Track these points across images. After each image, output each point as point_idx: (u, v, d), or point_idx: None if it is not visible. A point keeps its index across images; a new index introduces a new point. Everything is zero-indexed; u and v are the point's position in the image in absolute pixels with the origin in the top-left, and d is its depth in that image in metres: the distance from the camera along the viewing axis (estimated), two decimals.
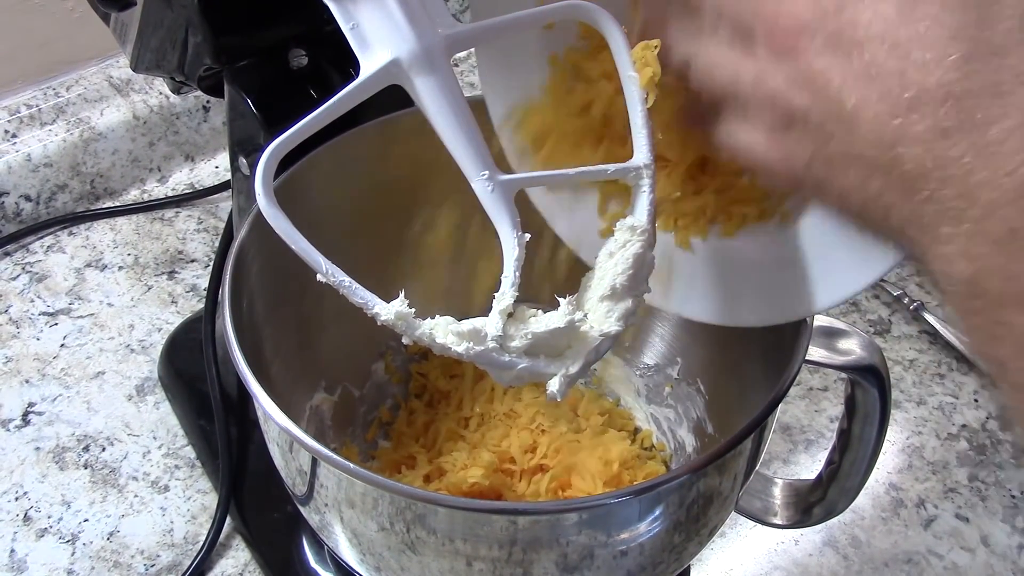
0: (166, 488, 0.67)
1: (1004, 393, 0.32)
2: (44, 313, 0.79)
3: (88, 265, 0.83)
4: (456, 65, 1.02)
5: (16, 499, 0.66)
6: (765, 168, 0.37)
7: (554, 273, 0.53)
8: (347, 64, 0.40)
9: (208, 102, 0.90)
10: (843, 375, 0.48)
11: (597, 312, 0.40)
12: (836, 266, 0.44)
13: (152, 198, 0.88)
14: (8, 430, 0.70)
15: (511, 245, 0.39)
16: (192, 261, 0.83)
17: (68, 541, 0.64)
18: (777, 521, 0.55)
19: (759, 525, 0.57)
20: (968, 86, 0.31)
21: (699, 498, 0.45)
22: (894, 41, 0.32)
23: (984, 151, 0.30)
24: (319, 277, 0.37)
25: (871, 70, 0.32)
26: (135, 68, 0.63)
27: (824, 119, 0.34)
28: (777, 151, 0.36)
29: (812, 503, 0.54)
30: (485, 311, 0.39)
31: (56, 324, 0.78)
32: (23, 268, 0.82)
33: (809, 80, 0.34)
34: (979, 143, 0.30)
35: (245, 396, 0.63)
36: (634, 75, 0.41)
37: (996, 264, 0.31)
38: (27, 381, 0.73)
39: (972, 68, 0.31)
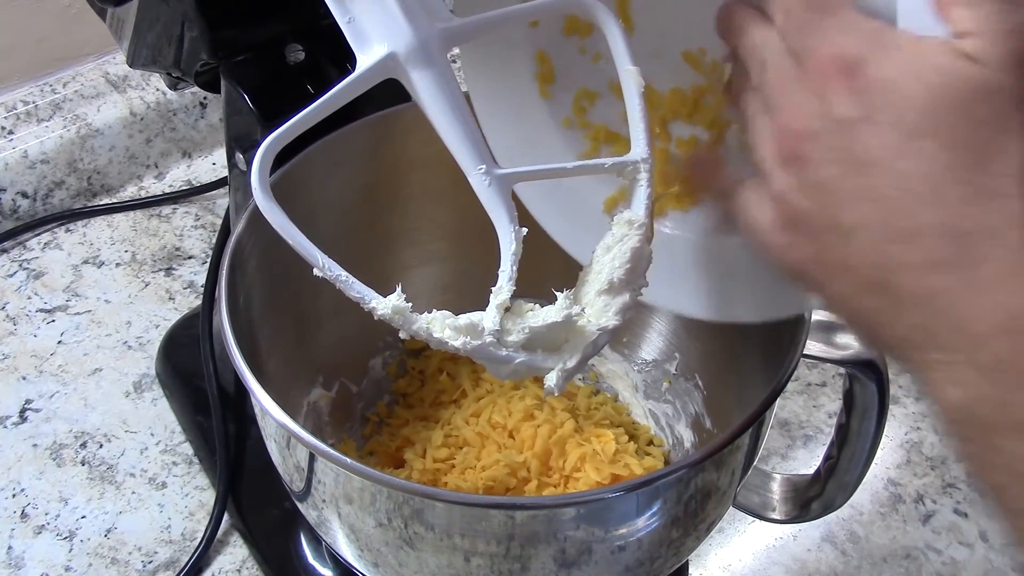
0: (164, 485, 0.67)
1: (1004, 517, 0.33)
2: (41, 310, 0.78)
3: (85, 262, 0.82)
4: (454, 61, 1.02)
5: (13, 496, 0.66)
6: (770, 253, 0.38)
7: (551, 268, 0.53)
8: (344, 59, 0.40)
9: (205, 98, 0.90)
10: (841, 370, 0.48)
11: (595, 306, 0.40)
12: None
13: (149, 195, 0.88)
14: (5, 427, 0.70)
15: (508, 239, 0.39)
16: (189, 257, 0.83)
17: (66, 538, 0.64)
18: (775, 516, 0.55)
19: (757, 520, 0.57)
20: (965, 225, 0.32)
21: (697, 493, 0.45)
22: (895, 171, 0.33)
23: (974, 287, 0.32)
24: (316, 272, 0.37)
25: (873, 193, 0.33)
26: (131, 64, 0.63)
27: (822, 228, 0.35)
28: (780, 243, 0.37)
29: (810, 498, 0.54)
30: (483, 306, 0.39)
31: (53, 321, 0.78)
32: (20, 265, 0.82)
33: (812, 188, 0.35)
34: (970, 279, 0.32)
35: (243, 392, 0.63)
36: (632, 69, 0.41)
37: (987, 392, 0.32)
38: (24, 378, 0.73)
39: (970, 209, 0.32)
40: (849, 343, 0.47)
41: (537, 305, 0.40)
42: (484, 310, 0.39)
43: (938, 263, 0.32)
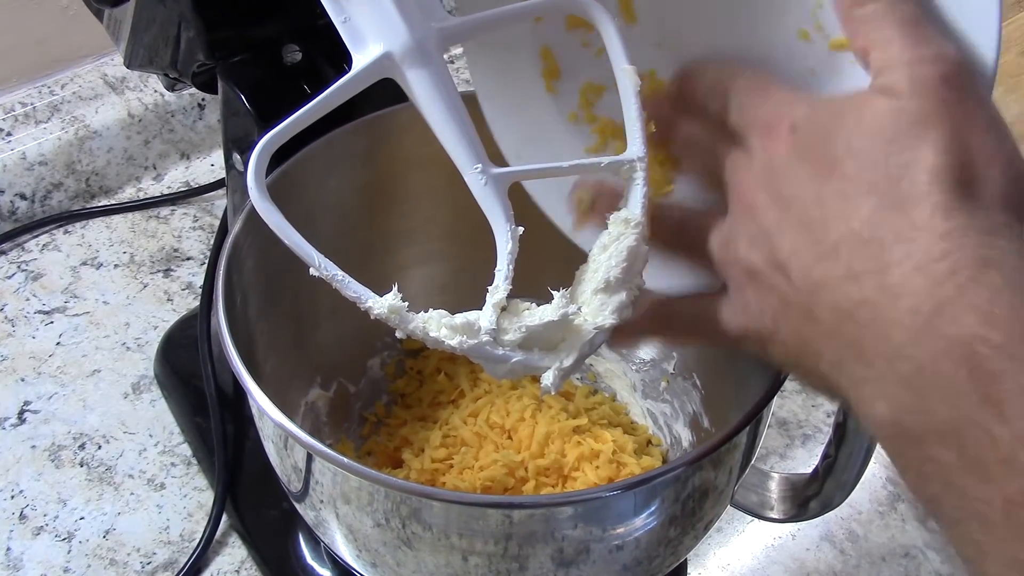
0: (162, 486, 0.67)
1: (942, 530, 0.33)
2: (39, 311, 0.78)
3: (84, 263, 0.82)
4: (451, 62, 1.02)
5: (12, 497, 0.66)
6: (741, 325, 0.39)
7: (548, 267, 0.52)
8: (341, 59, 0.40)
9: (203, 100, 0.90)
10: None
11: (591, 305, 0.40)
12: None
13: (148, 196, 0.88)
14: (4, 428, 0.70)
15: (504, 238, 0.39)
16: (188, 259, 0.83)
17: (64, 539, 0.64)
18: (773, 515, 0.55)
19: (756, 520, 0.57)
20: (876, 233, 0.33)
21: (695, 492, 0.45)
22: (819, 196, 0.35)
23: (888, 292, 0.32)
24: (312, 271, 0.37)
25: (802, 221, 0.35)
26: (129, 65, 0.63)
27: (768, 271, 0.37)
28: (747, 307, 0.39)
29: (808, 497, 0.54)
30: (480, 305, 0.39)
31: (52, 322, 0.78)
32: (18, 267, 0.82)
33: (760, 237, 0.37)
34: (884, 285, 0.32)
35: (241, 393, 0.63)
36: (628, 68, 0.41)
37: (911, 402, 0.32)
38: (23, 379, 0.73)
39: (880, 217, 0.33)
40: None
41: (534, 304, 0.40)
42: (481, 309, 0.39)
43: (856, 273, 0.33)
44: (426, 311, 0.39)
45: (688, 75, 0.42)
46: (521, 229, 0.40)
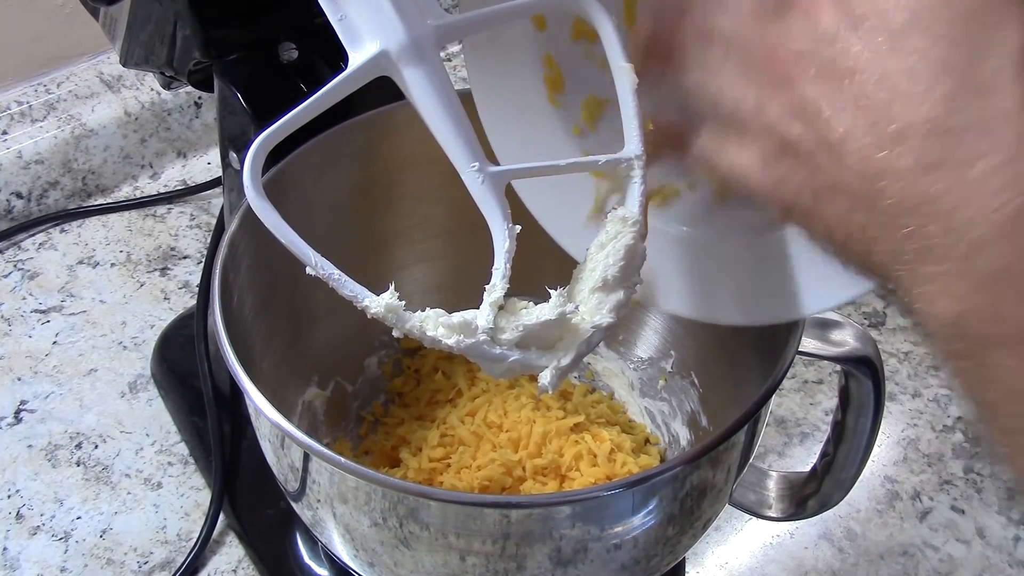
0: (159, 485, 0.67)
1: (994, 436, 0.32)
2: (36, 310, 0.78)
3: (80, 262, 0.82)
4: (449, 60, 1.02)
5: (8, 497, 0.66)
6: (758, 193, 0.37)
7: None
8: (338, 58, 0.40)
9: (200, 98, 0.90)
10: (838, 367, 0.48)
11: (589, 304, 0.40)
12: (824, 272, 0.44)
13: (144, 195, 0.88)
14: (0, 428, 0.70)
15: (501, 237, 0.39)
16: (184, 257, 0.83)
17: (61, 539, 0.64)
18: (772, 514, 0.55)
19: (754, 519, 0.57)
20: (953, 122, 0.31)
21: (693, 490, 0.44)
22: (883, 73, 0.32)
23: (969, 187, 0.30)
24: (308, 270, 0.37)
25: (860, 100, 0.32)
26: (125, 63, 0.63)
27: (813, 149, 0.34)
28: (770, 178, 0.36)
29: (807, 495, 0.54)
30: (477, 304, 0.39)
31: (48, 321, 0.77)
32: (15, 265, 0.82)
33: (801, 109, 0.34)
34: (964, 179, 0.30)
35: (238, 392, 0.63)
36: (625, 66, 0.41)
37: (982, 304, 0.30)
38: (19, 379, 0.73)
39: (958, 104, 0.31)
40: (845, 340, 0.47)
41: (531, 303, 0.40)
42: (478, 308, 0.39)
43: (929, 165, 0.31)
44: (423, 310, 0.39)
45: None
46: (518, 228, 0.39)
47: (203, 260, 0.80)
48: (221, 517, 0.64)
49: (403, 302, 0.38)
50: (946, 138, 0.31)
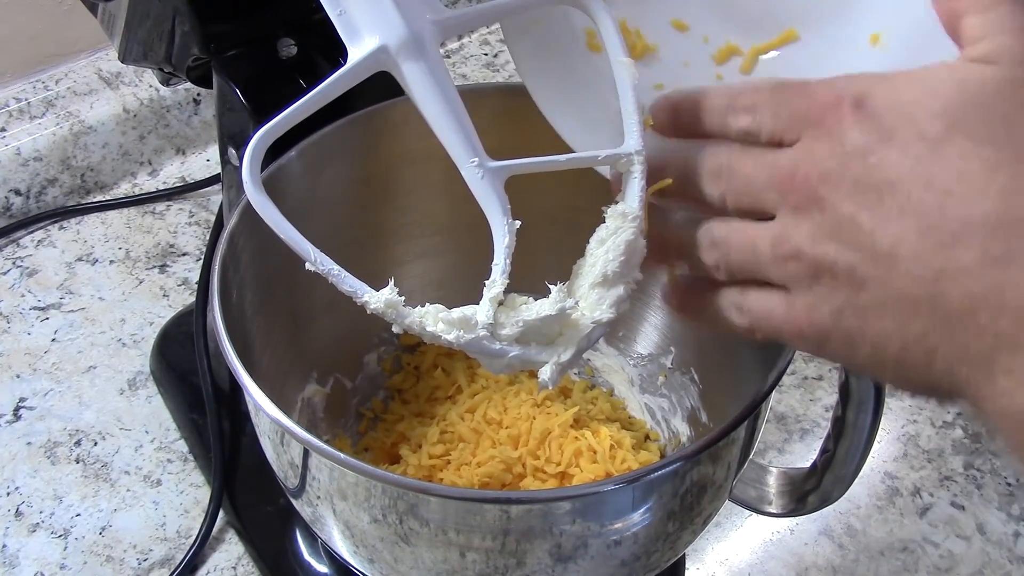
0: (158, 482, 0.67)
1: None
2: (35, 308, 0.78)
3: (79, 259, 0.82)
4: (448, 56, 1.02)
5: (8, 494, 0.66)
6: (785, 331, 0.36)
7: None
8: (337, 54, 0.40)
9: (199, 95, 0.90)
10: (838, 363, 0.48)
11: (588, 299, 0.40)
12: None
13: (143, 192, 0.88)
14: None
15: (501, 232, 0.39)
16: (183, 254, 0.83)
17: (60, 536, 0.64)
18: (772, 510, 0.55)
19: (755, 515, 0.57)
20: (1015, 214, 0.31)
21: (693, 486, 0.44)
22: (928, 178, 0.32)
23: None
24: (307, 266, 0.37)
25: (907, 208, 0.32)
26: (123, 60, 0.63)
27: (855, 266, 0.33)
28: (800, 310, 0.35)
29: (807, 491, 0.54)
30: (477, 300, 0.39)
31: (47, 319, 0.77)
32: (13, 263, 0.82)
33: (836, 229, 0.33)
34: None
35: (237, 389, 0.63)
36: (625, 60, 0.41)
37: None
38: (18, 376, 0.73)
39: (1015, 199, 0.31)
40: None
41: (531, 298, 0.40)
42: (478, 304, 0.39)
43: (996, 258, 0.31)
44: (423, 306, 0.39)
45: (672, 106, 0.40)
46: (518, 223, 0.39)
47: (202, 257, 0.80)
48: (221, 514, 0.64)
49: (402, 298, 0.38)
50: (1010, 230, 0.31)
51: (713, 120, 0.38)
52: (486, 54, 1.01)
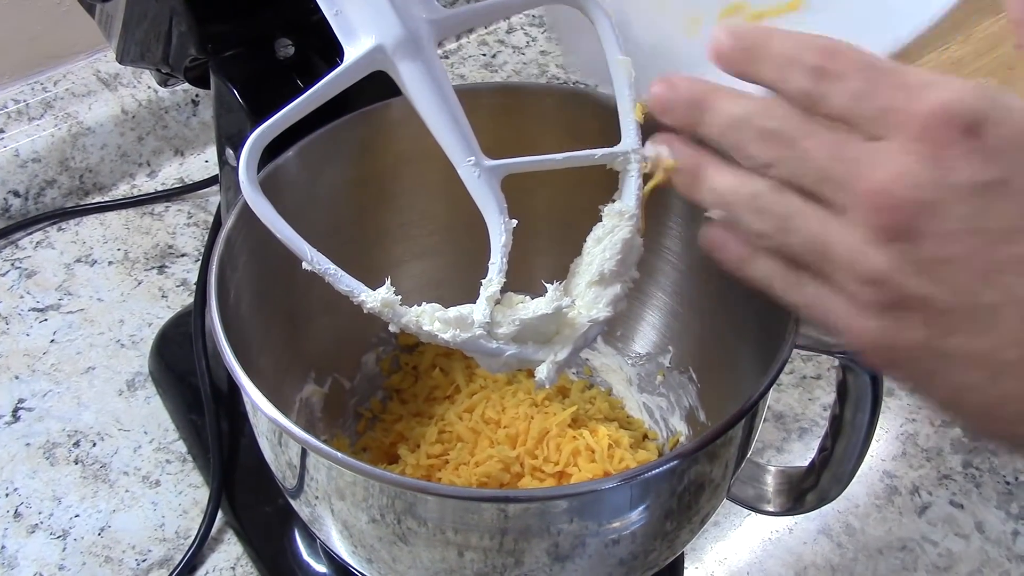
0: (157, 483, 0.67)
1: None
2: (33, 309, 0.78)
3: (78, 260, 0.82)
4: (446, 57, 1.02)
5: (7, 495, 0.66)
6: (852, 340, 0.33)
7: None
8: (334, 54, 0.40)
9: (197, 96, 0.90)
10: (836, 363, 0.48)
11: (585, 298, 0.40)
12: None
13: (142, 193, 0.88)
14: None
15: (498, 231, 0.39)
16: (182, 255, 0.83)
17: (59, 537, 0.64)
18: (770, 508, 0.55)
19: (753, 514, 0.57)
20: None
21: (690, 485, 0.44)
22: None
23: None
24: (304, 265, 0.37)
25: (1019, 267, 0.30)
26: (121, 60, 0.63)
27: (948, 310, 0.30)
28: (873, 328, 0.32)
29: (805, 490, 0.54)
30: (474, 300, 0.39)
31: (46, 320, 0.77)
32: (12, 264, 0.82)
33: (931, 266, 0.30)
34: None
35: (235, 390, 0.63)
36: (623, 59, 0.41)
37: None
38: (17, 377, 0.73)
39: None
40: None
41: (528, 297, 0.40)
42: (475, 303, 0.39)
43: None
44: (420, 305, 0.39)
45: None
46: (515, 222, 0.39)
47: (200, 258, 0.80)
48: (219, 514, 0.64)
49: (399, 297, 0.38)
50: None
51: (770, 68, 0.33)
52: (484, 55, 1.01)
